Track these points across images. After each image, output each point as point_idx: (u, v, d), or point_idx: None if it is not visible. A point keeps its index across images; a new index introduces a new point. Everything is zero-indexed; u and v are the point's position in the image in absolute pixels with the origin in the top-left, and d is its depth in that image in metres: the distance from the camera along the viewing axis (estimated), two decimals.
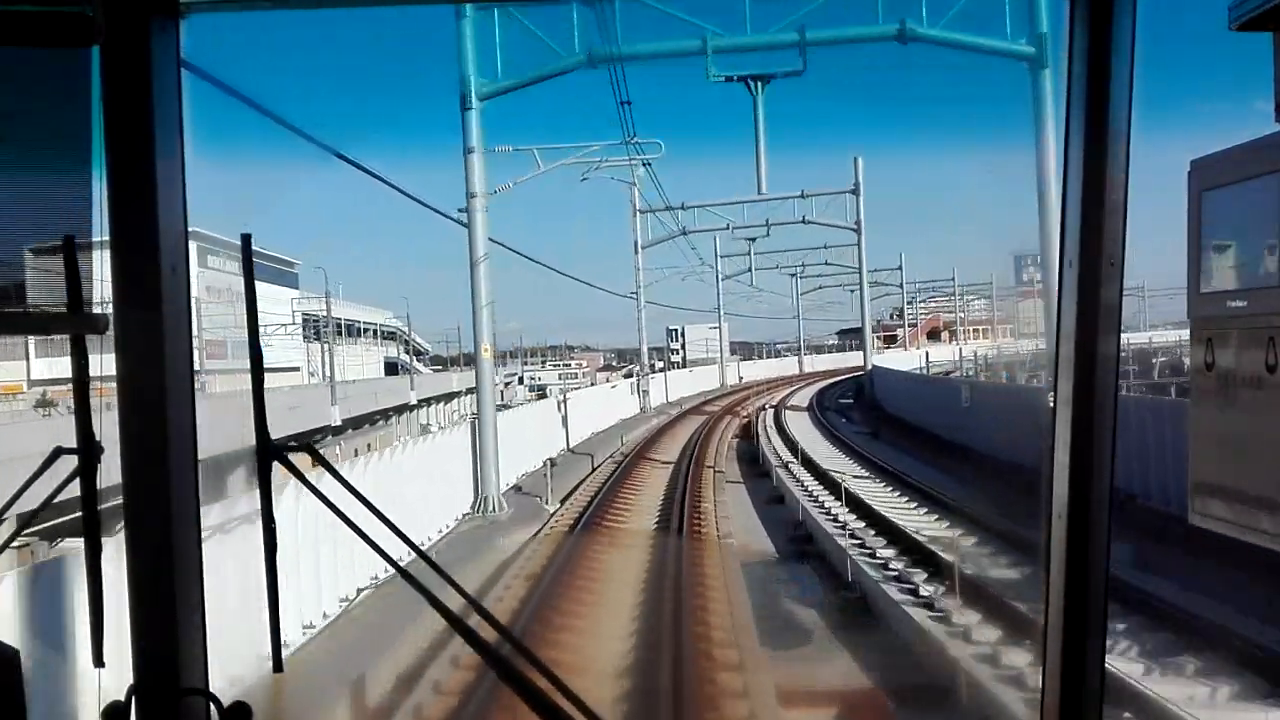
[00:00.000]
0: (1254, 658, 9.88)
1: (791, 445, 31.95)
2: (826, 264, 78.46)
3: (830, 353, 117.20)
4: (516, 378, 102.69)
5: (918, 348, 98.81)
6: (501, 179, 26.89)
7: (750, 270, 73.37)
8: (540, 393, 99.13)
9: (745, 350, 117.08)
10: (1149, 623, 11.66)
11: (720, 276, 78.37)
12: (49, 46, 1.91)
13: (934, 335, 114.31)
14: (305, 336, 64.24)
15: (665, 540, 19.04)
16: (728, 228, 59.54)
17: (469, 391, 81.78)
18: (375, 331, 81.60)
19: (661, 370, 72.97)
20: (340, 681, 11.29)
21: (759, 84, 22.45)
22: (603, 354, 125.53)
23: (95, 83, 1.90)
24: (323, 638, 12.99)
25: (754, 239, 64.83)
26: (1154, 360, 39.45)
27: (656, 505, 23.82)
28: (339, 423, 42.53)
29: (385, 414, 53.98)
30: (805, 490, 24.21)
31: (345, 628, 13.24)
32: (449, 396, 73.98)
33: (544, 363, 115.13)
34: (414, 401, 59.42)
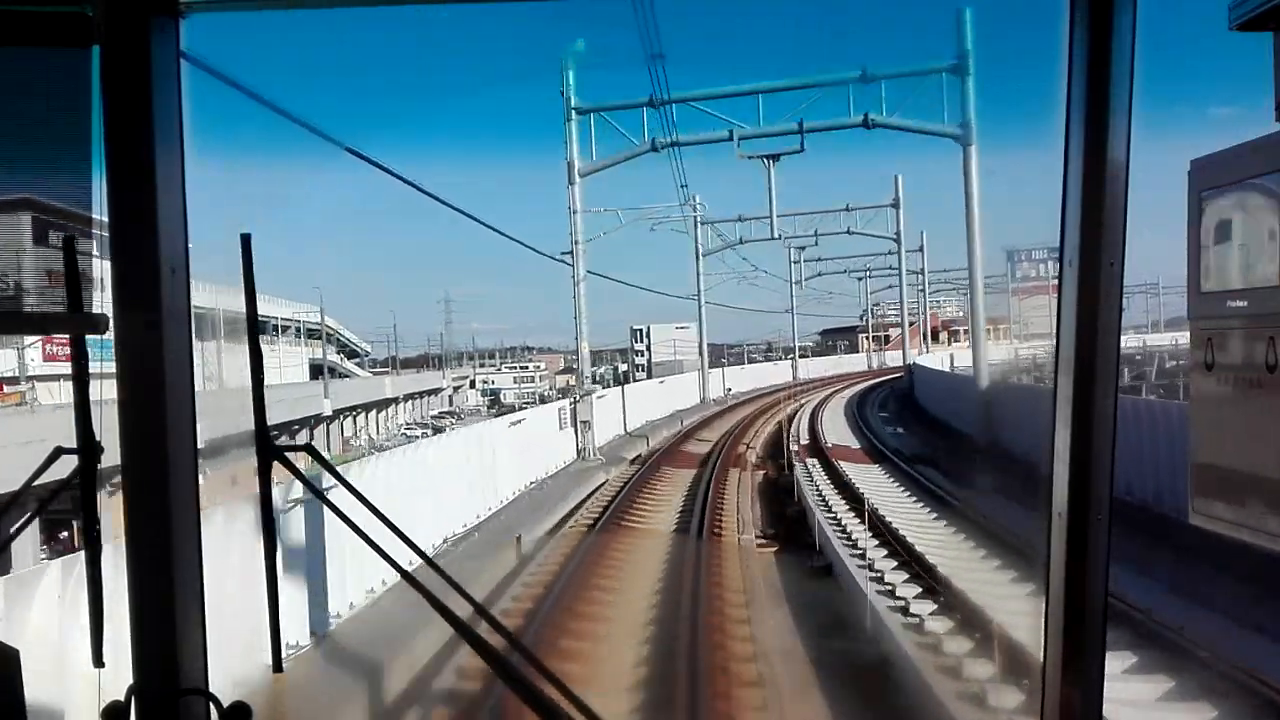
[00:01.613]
0: None
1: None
2: (850, 232, 55.28)
3: (808, 356, 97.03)
4: (468, 382, 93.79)
5: (900, 350, 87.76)
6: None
7: (770, 202, 35.85)
8: (494, 398, 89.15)
9: (713, 353, 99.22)
10: None
11: (702, 252, 57.50)
12: (49, 46, 1.91)
13: (932, 336, 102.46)
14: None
15: None
16: (731, 137, 32.92)
17: (409, 398, 70.55)
18: (298, 330, 65.64)
19: (619, 382, 55.72)
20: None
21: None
22: (563, 356, 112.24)
23: (95, 83, 1.90)
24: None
25: (776, 157, 34.85)
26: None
27: None
28: (200, 444, 32.91)
29: (290, 428, 44.21)
30: None
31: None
32: (381, 404, 63.66)
33: (500, 366, 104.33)
34: (327, 412, 49.14)
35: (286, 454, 2.01)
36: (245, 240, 1.97)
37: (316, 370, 61.43)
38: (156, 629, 1.94)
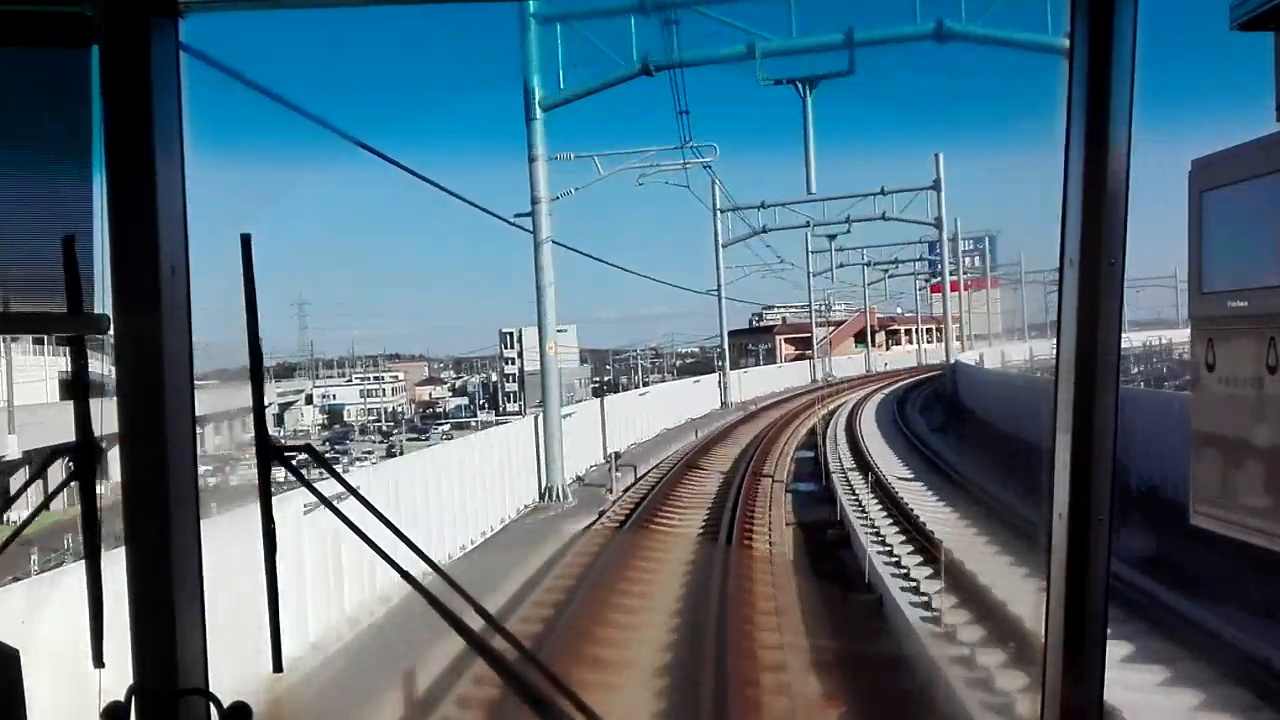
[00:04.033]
0: None
1: None
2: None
3: (705, 371, 63.59)
4: (304, 396, 79.08)
5: (824, 356, 68.25)
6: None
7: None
8: (332, 416, 72.90)
9: (597, 359, 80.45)
10: None
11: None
12: (49, 46, 1.91)
13: (863, 338, 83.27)
14: None
15: None
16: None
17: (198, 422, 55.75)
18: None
19: (489, 400, 43.50)
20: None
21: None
22: (429, 364, 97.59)
23: (95, 83, 1.90)
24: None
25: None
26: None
27: None
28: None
29: None
30: None
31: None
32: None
33: (351, 377, 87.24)
34: (13, 453, 30.59)
35: (287, 455, 2.01)
36: (245, 240, 1.97)
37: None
38: (156, 629, 1.94)
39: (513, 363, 77.16)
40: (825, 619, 13.64)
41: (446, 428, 68.98)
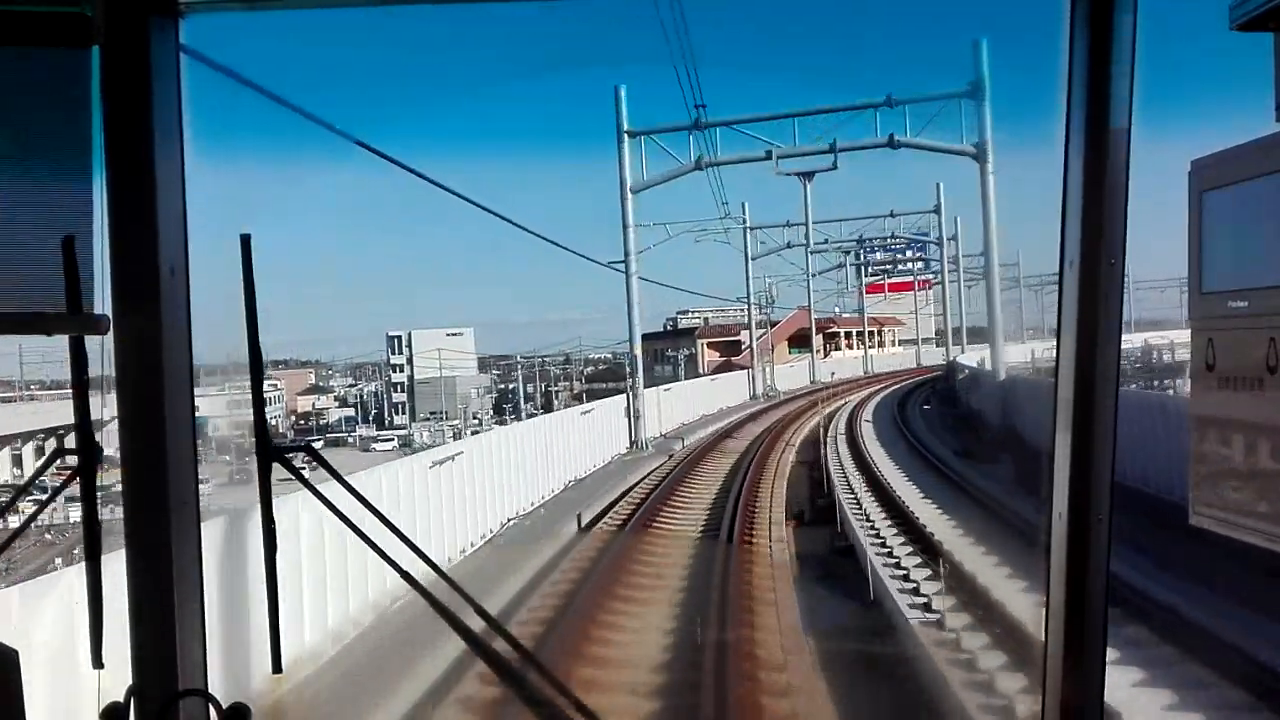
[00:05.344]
0: None
1: None
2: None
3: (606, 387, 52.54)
4: None
5: (765, 363, 54.41)
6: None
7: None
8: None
9: (503, 367, 74.42)
10: None
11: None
12: (49, 46, 1.91)
13: (799, 343, 70.06)
14: None
15: None
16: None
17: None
18: None
19: (376, 416, 41.05)
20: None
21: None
22: (317, 371, 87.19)
23: (95, 83, 1.90)
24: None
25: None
26: None
27: None
28: None
29: None
30: None
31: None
32: None
33: (223, 386, 76.99)
34: None
35: (287, 455, 2.01)
36: (245, 240, 1.97)
37: None
38: (156, 630, 1.93)
39: (401, 370, 69.37)
40: None
41: (319, 445, 62.98)
